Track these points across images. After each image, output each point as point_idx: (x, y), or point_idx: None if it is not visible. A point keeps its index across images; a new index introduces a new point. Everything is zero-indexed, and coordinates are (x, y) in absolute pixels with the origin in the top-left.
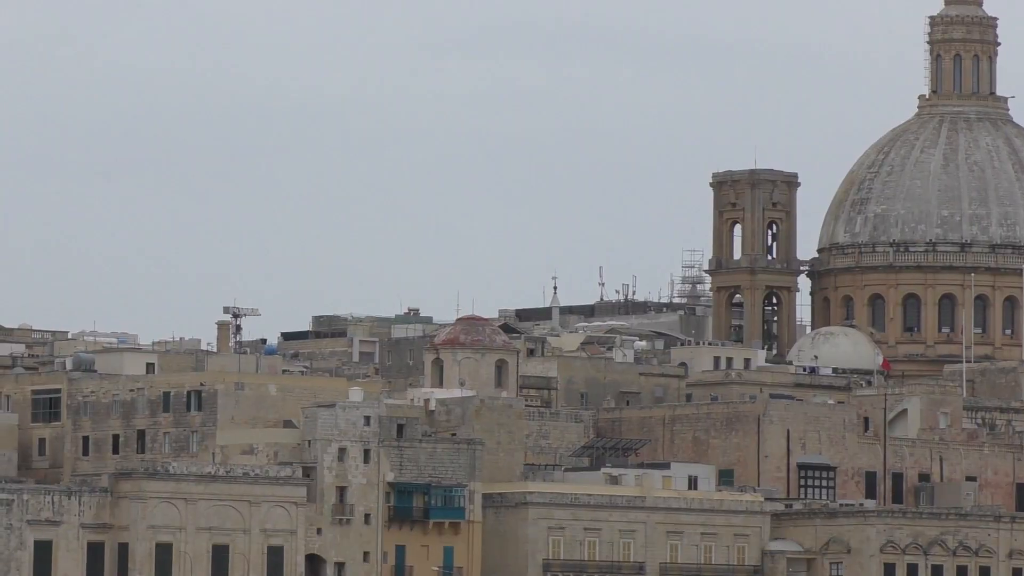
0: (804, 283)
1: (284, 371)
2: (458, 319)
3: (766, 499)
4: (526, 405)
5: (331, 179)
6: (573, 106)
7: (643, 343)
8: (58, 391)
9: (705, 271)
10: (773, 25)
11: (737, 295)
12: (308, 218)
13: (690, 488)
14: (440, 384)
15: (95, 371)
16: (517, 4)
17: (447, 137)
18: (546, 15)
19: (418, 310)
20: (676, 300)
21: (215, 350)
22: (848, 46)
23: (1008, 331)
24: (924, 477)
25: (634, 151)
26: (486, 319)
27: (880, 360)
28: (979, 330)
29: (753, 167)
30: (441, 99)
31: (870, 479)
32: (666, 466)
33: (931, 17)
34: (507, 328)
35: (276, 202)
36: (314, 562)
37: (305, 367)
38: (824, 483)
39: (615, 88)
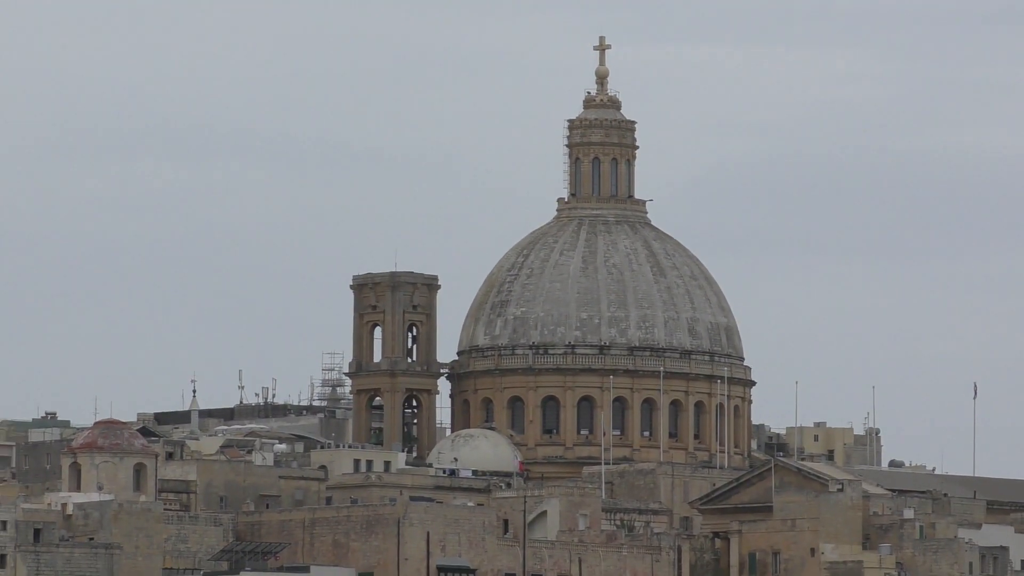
0: (444, 385)
1: None
2: (96, 423)
3: None
4: (165, 509)
5: None
6: (210, 207)
7: (283, 446)
8: None
9: (345, 374)
10: (412, 126)
11: (377, 398)
12: None
13: None
14: (78, 488)
15: None
16: (149, 106)
17: (80, 239)
18: (179, 117)
19: (55, 414)
20: (316, 403)
21: None
22: (487, 148)
23: (646, 433)
24: None
25: (272, 253)
26: (124, 423)
27: (517, 463)
28: (618, 432)
29: (393, 269)
30: (72, 201)
31: None
32: (306, 569)
33: (570, 120)
34: (146, 431)
35: None
36: None
37: None
38: None
39: (251, 190)
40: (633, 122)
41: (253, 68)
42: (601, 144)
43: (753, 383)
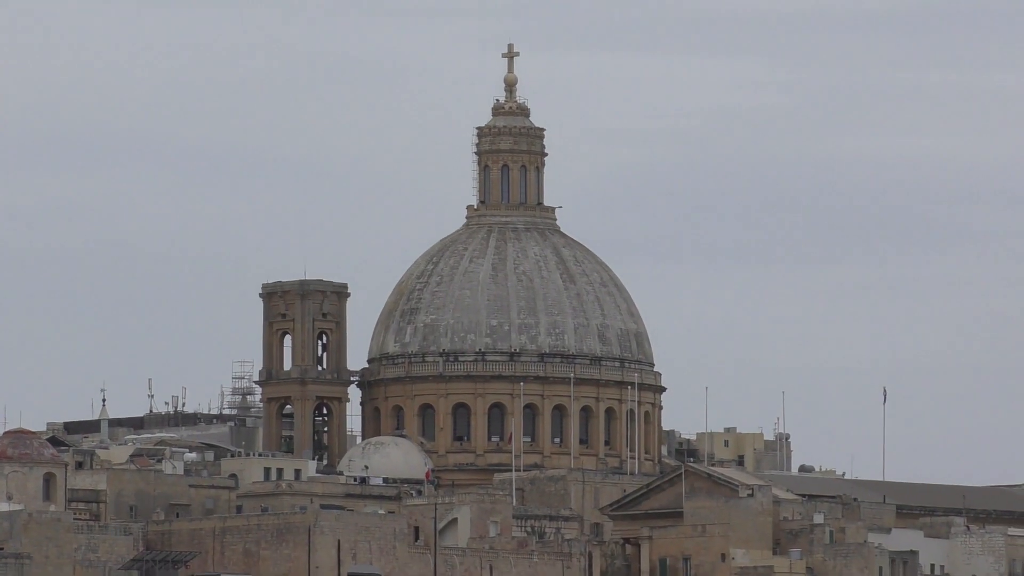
0: (355, 393)
1: None
2: (5, 432)
3: None
4: (75, 518)
5: None
6: (113, 217)
7: (193, 455)
8: None
9: (255, 382)
10: (321, 133)
11: (288, 406)
12: None
13: None
14: None
15: None
16: (42, 116)
17: None
18: (75, 125)
19: None
20: (226, 411)
21: None
22: (396, 156)
23: (557, 440)
24: None
25: (181, 261)
26: (34, 432)
27: (427, 469)
28: (528, 439)
29: (303, 278)
30: None
31: None
32: None
33: (479, 128)
34: (55, 441)
35: None
36: None
37: None
38: None
39: (159, 197)
40: (542, 129)
41: (160, 75)
42: (510, 151)
43: (663, 389)
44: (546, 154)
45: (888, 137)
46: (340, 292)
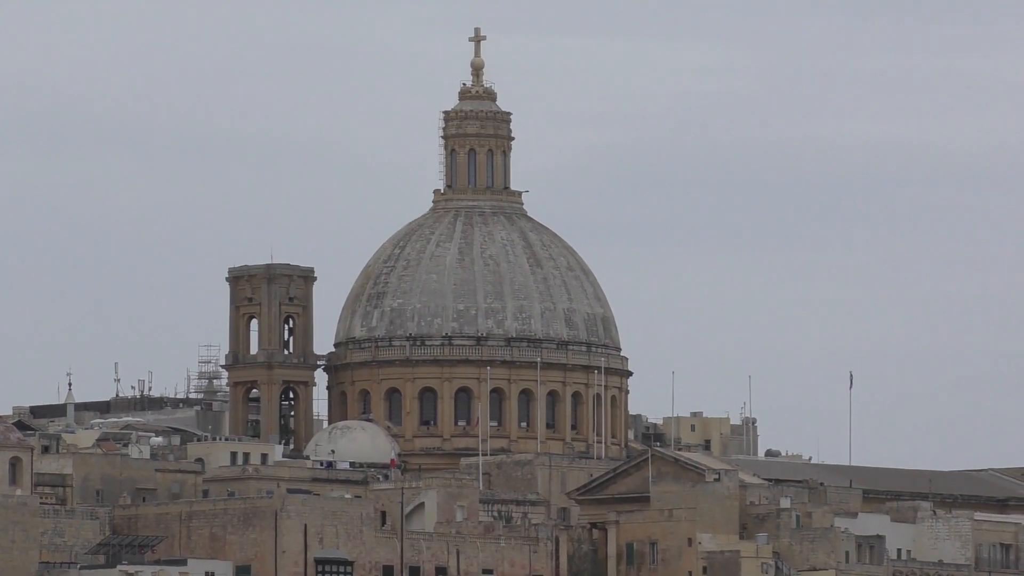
0: (321, 377)
1: None
2: None
3: None
4: (41, 503)
5: None
6: (79, 201)
7: (159, 439)
8: None
9: (222, 366)
10: (288, 117)
11: (254, 390)
12: None
13: None
14: None
15: None
16: (8, 99)
17: None
18: (42, 108)
19: None
20: (193, 395)
21: None
22: (363, 140)
23: (523, 424)
24: (441, 570)
25: (148, 245)
26: (0, 416)
27: (393, 455)
28: (495, 423)
29: (269, 262)
30: None
31: (388, 573)
32: (183, 562)
33: (445, 112)
34: (21, 425)
35: None
36: None
37: None
38: None
39: (125, 181)
40: (508, 113)
41: (126, 59)
42: (477, 135)
43: (630, 373)
44: (513, 138)
45: (855, 122)
46: (307, 276)
